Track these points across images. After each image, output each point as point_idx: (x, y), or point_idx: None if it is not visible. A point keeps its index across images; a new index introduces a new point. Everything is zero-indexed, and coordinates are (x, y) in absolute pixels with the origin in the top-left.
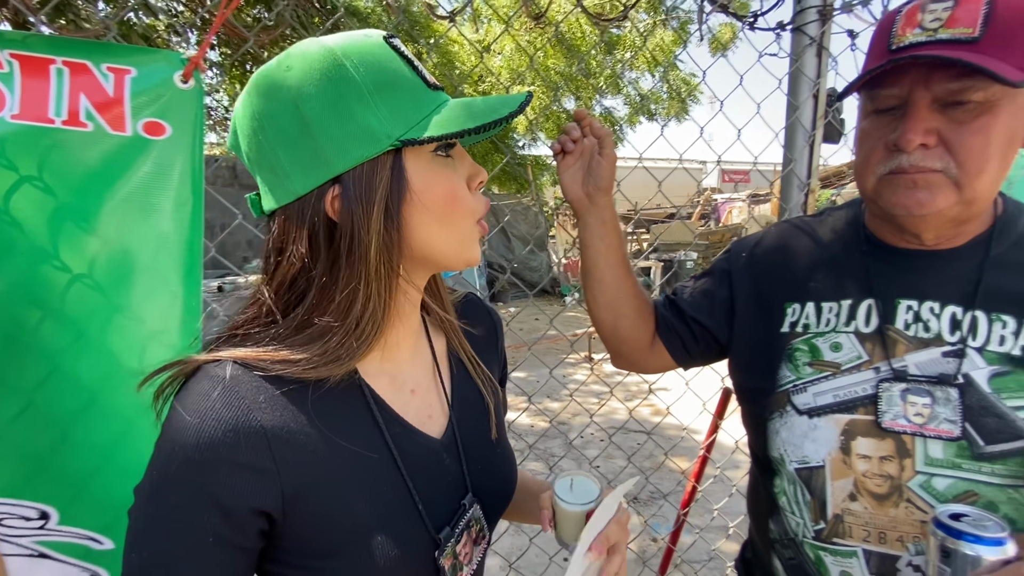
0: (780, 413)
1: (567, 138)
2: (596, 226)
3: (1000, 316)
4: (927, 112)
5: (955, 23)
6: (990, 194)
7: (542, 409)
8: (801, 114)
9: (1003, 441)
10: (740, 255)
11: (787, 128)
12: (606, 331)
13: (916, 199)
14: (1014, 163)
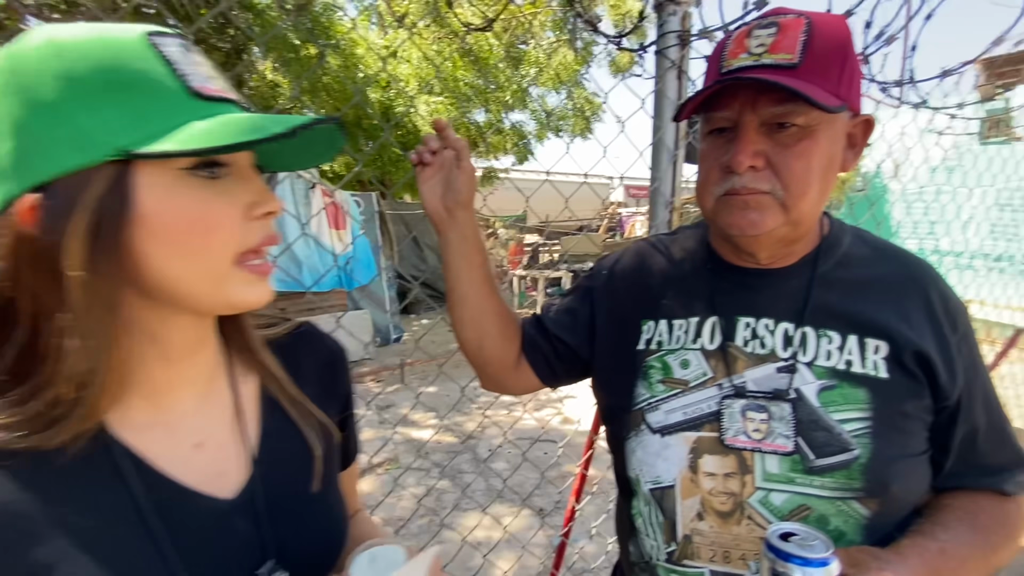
0: (636, 432)
1: (424, 149)
2: (457, 242)
3: (826, 332)
4: (755, 135)
5: (777, 49)
6: (814, 215)
7: (451, 425)
8: (664, 134)
9: (831, 455)
10: (602, 273)
11: (652, 147)
12: (471, 351)
13: (748, 220)
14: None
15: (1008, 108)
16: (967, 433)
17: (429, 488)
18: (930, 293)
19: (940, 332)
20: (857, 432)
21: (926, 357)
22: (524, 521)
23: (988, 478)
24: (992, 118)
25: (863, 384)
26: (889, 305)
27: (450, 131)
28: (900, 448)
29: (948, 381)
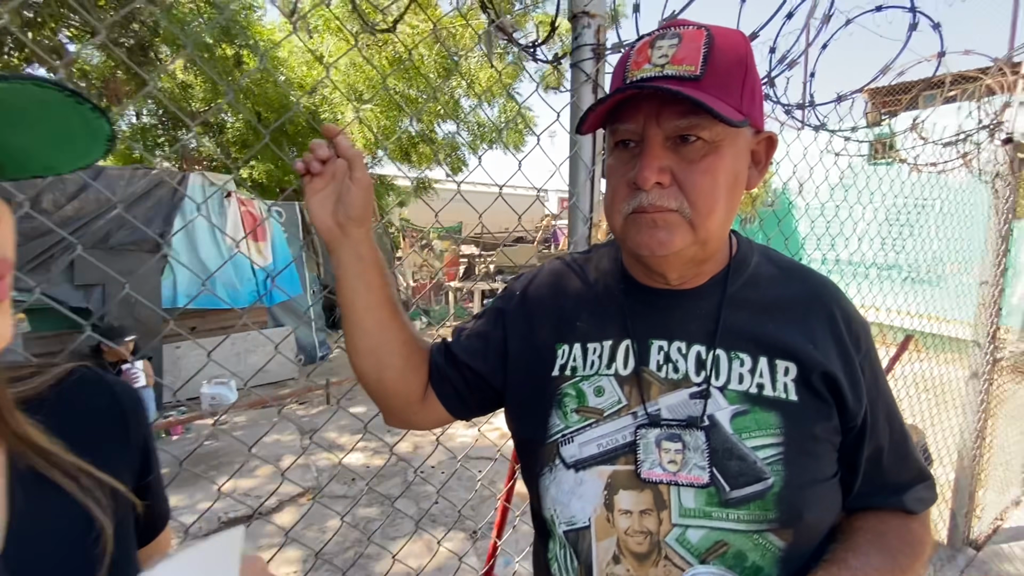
0: (550, 467)
1: (312, 157)
2: (351, 262)
3: (738, 354)
4: (660, 150)
5: (679, 60)
6: (722, 234)
7: (380, 448)
8: (581, 149)
9: (745, 485)
10: (514, 294)
11: (570, 162)
12: (370, 384)
13: (657, 239)
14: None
15: (892, 133)
16: (873, 452)
17: (349, 517)
18: (834, 311)
19: (845, 351)
20: (770, 459)
21: (833, 378)
22: (457, 545)
23: (894, 497)
24: (878, 141)
25: (774, 408)
26: (796, 325)
27: (342, 138)
28: (812, 474)
29: (855, 402)
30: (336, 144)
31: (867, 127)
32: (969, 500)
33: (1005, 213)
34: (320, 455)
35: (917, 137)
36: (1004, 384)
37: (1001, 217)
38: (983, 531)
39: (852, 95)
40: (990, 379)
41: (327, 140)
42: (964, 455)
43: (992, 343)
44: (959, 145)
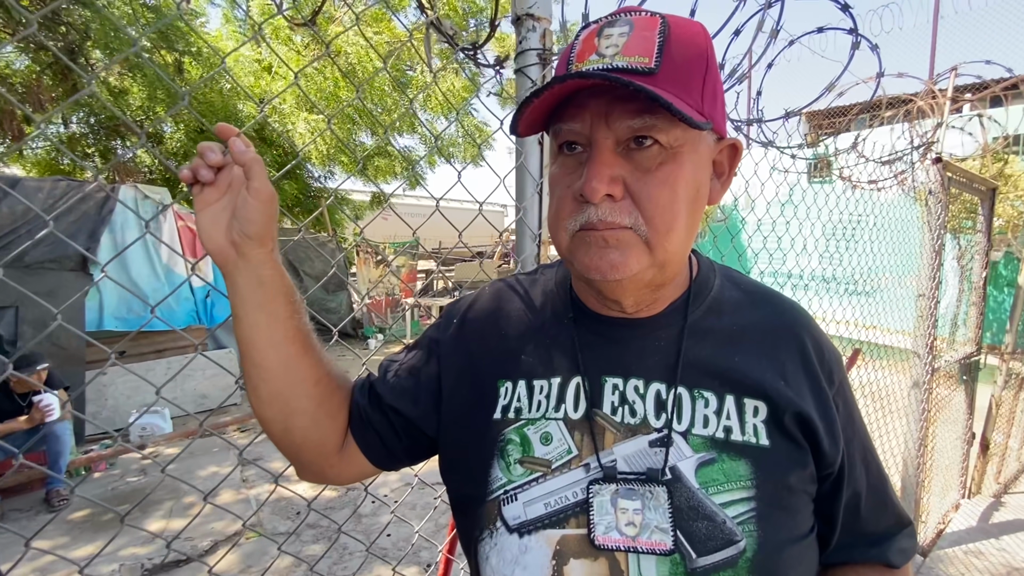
0: (490, 532)
1: (202, 163)
2: (250, 289)
3: (702, 392)
4: (611, 156)
5: (631, 51)
6: (682, 255)
7: None
8: (527, 160)
9: (715, 550)
10: (452, 322)
11: (516, 173)
12: (275, 434)
13: (609, 261)
14: (730, 216)
15: (834, 152)
16: (851, 499)
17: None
18: (805, 341)
19: (818, 386)
20: (741, 517)
21: (807, 418)
22: None
23: (874, 549)
24: (818, 160)
25: (744, 455)
26: (765, 358)
27: (239, 140)
28: (788, 531)
29: (831, 445)
30: (231, 148)
31: (808, 146)
32: (915, 507)
33: (938, 229)
34: (262, 487)
35: (857, 156)
36: (941, 391)
37: (935, 233)
38: (928, 536)
39: (799, 112)
40: (929, 388)
41: (221, 143)
42: (909, 463)
43: (931, 353)
44: (894, 164)
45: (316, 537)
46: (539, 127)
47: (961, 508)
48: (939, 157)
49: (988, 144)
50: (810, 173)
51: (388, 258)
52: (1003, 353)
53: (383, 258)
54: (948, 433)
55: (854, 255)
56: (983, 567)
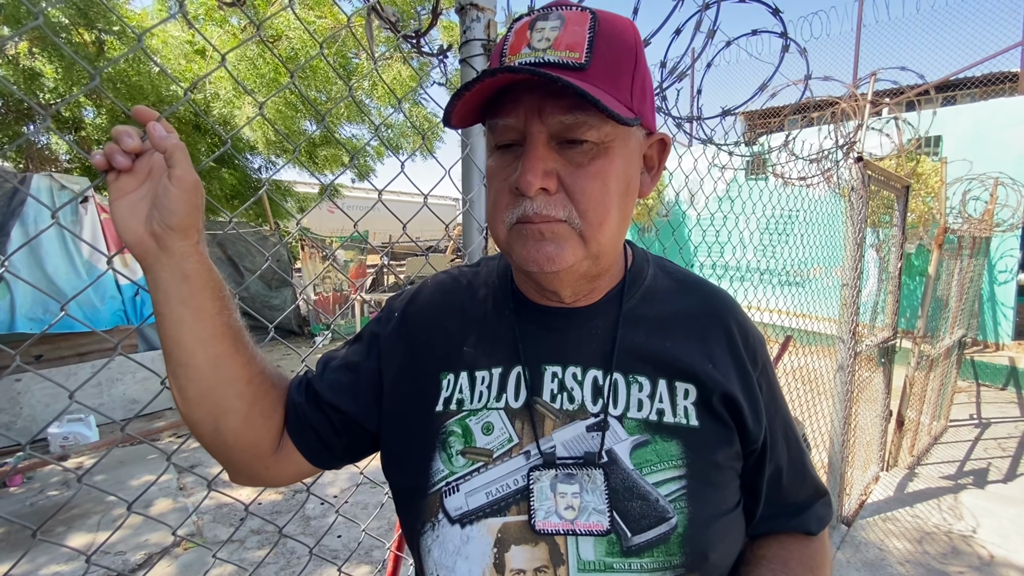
0: (432, 524)
1: (116, 149)
2: (172, 284)
3: (636, 377)
4: (544, 150)
5: (561, 45)
6: (616, 246)
7: None
8: (473, 152)
9: (648, 528)
10: (393, 314)
11: (462, 164)
12: (205, 436)
13: (546, 254)
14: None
15: (768, 150)
16: (773, 473)
17: (238, 562)
18: (731, 325)
19: (743, 368)
20: (673, 495)
21: (733, 399)
22: None
23: (794, 519)
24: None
25: (675, 435)
26: (694, 343)
27: (158, 125)
28: (716, 507)
29: (754, 423)
30: (149, 132)
31: (745, 144)
32: (840, 480)
33: (859, 223)
34: (203, 495)
35: (788, 154)
36: (862, 373)
37: (856, 227)
38: (852, 508)
39: (735, 111)
40: (852, 370)
41: (139, 127)
42: (835, 440)
43: (854, 338)
44: (821, 162)
45: (261, 543)
46: (473, 119)
47: (880, 480)
48: (860, 156)
49: (903, 145)
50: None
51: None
52: (915, 337)
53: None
54: (868, 412)
55: (787, 248)
56: (899, 532)
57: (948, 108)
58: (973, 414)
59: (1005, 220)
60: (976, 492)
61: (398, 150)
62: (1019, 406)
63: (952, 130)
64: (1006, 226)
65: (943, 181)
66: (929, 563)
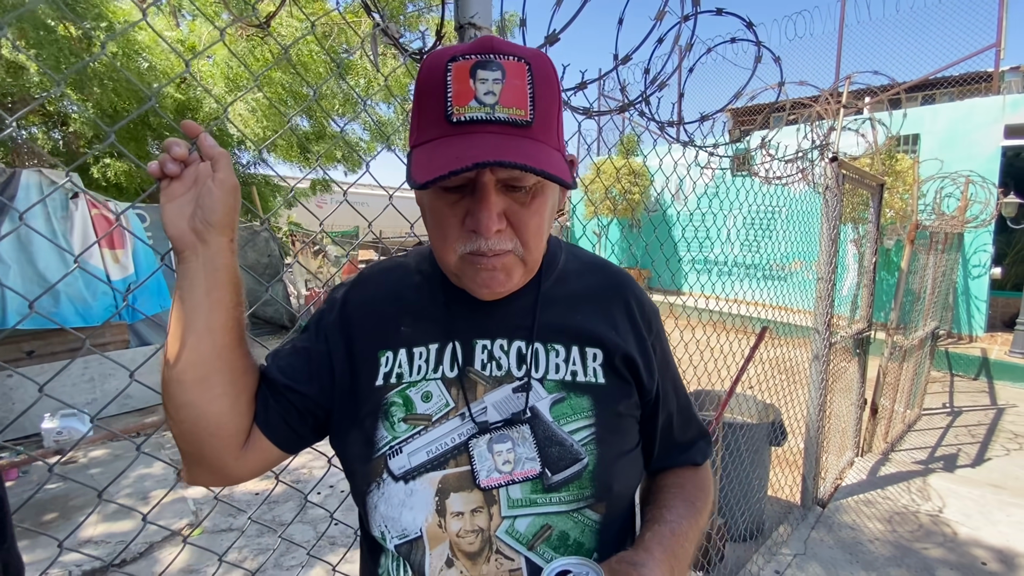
0: (377, 484)
1: (169, 158)
2: (203, 274)
3: (553, 346)
4: (496, 196)
5: (509, 102)
6: (542, 256)
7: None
8: None
9: (565, 468)
10: (335, 301)
11: None
12: (186, 422)
13: (497, 280)
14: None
15: (747, 149)
16: (665, 420)
17: (236, 552)
18: (629, 299)
19: (640, 334)
20: (584, 440)
21: (632, 359)
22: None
23: (684, 455)
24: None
25: (587, 392)
26: (600, 315)
27: (206, 136)
28: (619, 448)
29: (648, 378)
30: (201, 143)
31: (729, 143)
32: (816, 465)
33: (834, 220)
34: (198, 487)
35: (764, 154)
36: (838, 363)
37: (831, 224)
38: (827, 490)
39: (713, 115)
40: (828, 360)
41: (188, 139)
42: (811, 426)
43: (828, 329)
44: (798, 162)
45: (260, 531)
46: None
47: (855, 464)
48: (835, 156)
49: (879, 144)
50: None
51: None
52: (889, 329)
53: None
54: (844, 400)
55: (770, 244)
56: (872, 513)
57: (926, 107)
58: (946, 403)
59: (977, 216)
60: (945, 476)
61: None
62: (989, 395)
63: (930, 128)
64: (978, 222)
65: (915, 180)
66: (899, 541)
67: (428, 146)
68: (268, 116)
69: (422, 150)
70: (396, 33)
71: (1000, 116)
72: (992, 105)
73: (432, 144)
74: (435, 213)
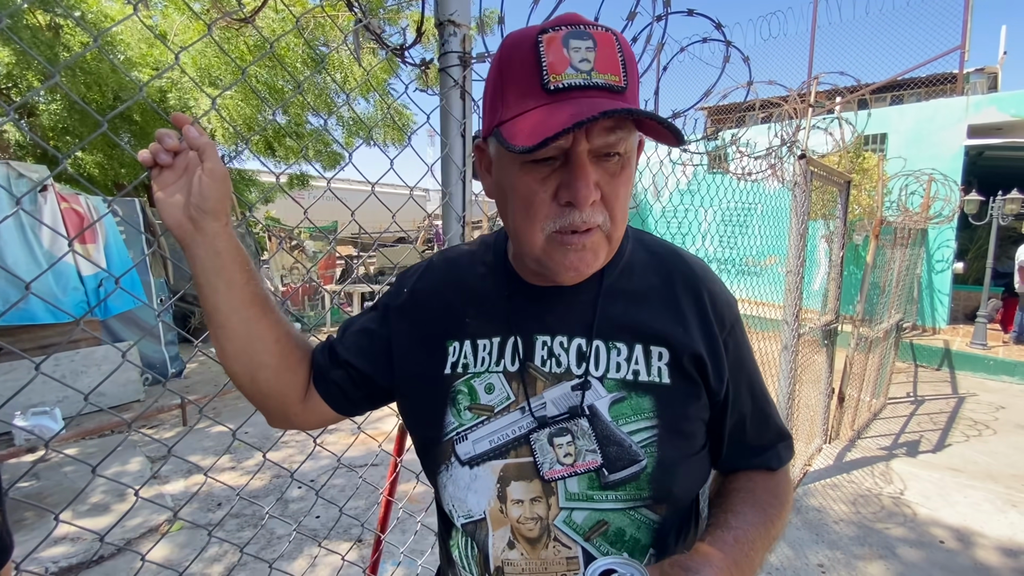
0: (446, 466)
1: (160, 148)
2: (208, 259)
3: (615, 344)
4: (590, 166)
5: (604, 69)
6: (623, 233)
7: (252, 467)
8: (452, 151)
9: (622, 468)
10: (402, 290)
11: (441, 163)
12: (244, 387)
13: (585, 261)
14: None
15: (721, 146)
16: (737, 422)
17: (217, 545)
18: (702, 292)
19: (710, 331)
20: (644, 442)
21: (700, 358)
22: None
23: (757, 458)
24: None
25: (649, 392)
26: (668, 311)
27: (193, 127)
28: (682, 451)
29: (716, 380)
30: (186, 134)
31: (704, 139)
32: None
33: (802, 215)
34: (178, 483)
35: (735, 151)
36: (806, 354)
37: (800, 219)
38: (796, 476)
39: (685, 112)
40: (796, 350)
41: (176, 129)
42: (780, 414)
43: (797, 320)
44: (769, 159)
45: (241, 525)
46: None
47: (823, 451)
48: (803, 154)
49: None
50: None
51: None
52: (855, 321)
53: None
54: (813, 390)
55: (744, 239)
56: (838, 496)
57: (893, 107)
58: (910, 392)
59: (939, 213)
60: (908, 460)
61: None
62: (951, 385)
63: (897, 128)
64: (941, 218)
65: (880, 177)
66: (862, 522)
67: (526, 116)
68: (239, 110)
69: (520, 120)
70: (377, 28)
71: (964, 116)
72: (956, 106)
73: (530, 113)
74: (523, 190)
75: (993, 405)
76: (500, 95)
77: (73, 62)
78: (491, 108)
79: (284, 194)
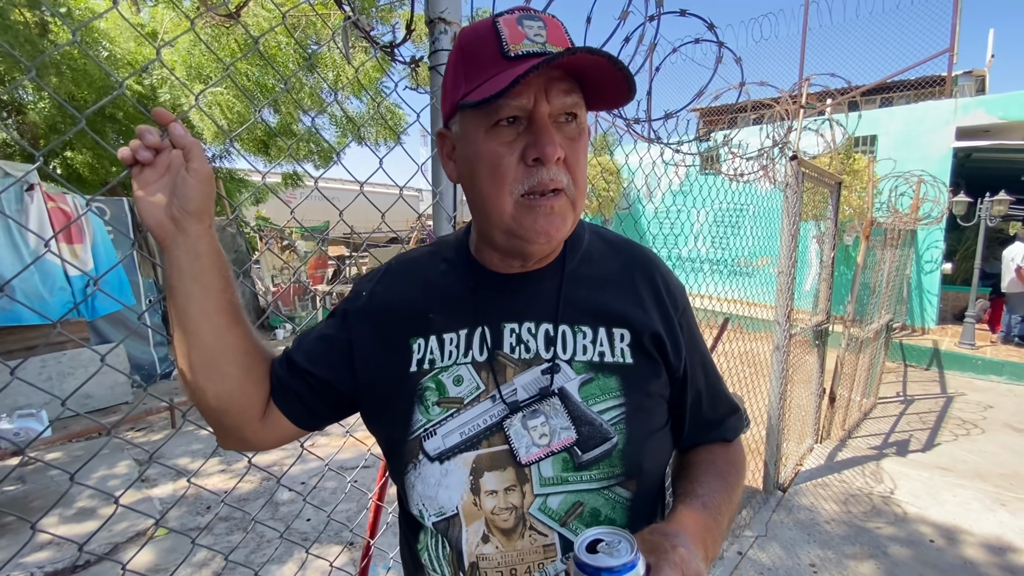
0: (414, 464)
1: (140, 145)
2: (186, 262)
3: (580, 327)
4: (552, 126)
5: (554, 41)
6: (583, 205)
7: (240, 469)
8: None
9: (594, 447)
10: (360, 294)
11: (432, 161)
12: (204, 399)
13: (554, 224)
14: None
15: (713, 147)
16: (694, 397)
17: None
18: (655, 277)
19: (666, 312)
20: (614, 419)
21: (659, 338)
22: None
23: (715, 431)
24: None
25: (615, 372)
26: (627, 295)
27: (177, 125)
28: (648, 427)
29: (675, 357)
30: (170, 132)
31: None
32: (777, 451)
33: (793, 216)
34: (166, 486)
35: (727, 152)
36: (798, 354)
37: (791, 220)
38: (788, 476)
39: (677, 113)
40: (787, 351)
41: (159, 127)
42: (772, 415)
43: (788, 321)
44: (761, 160)
45: (231, 528)
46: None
47: (814, 451)
48: (795, 155)
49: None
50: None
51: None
52: (846, 321)
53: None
54: (804, 390)
55: (737, 240)
56: (829, 495)
57: (883, 109)
58: (900, 392)
59: (928, 214)
60: (898, 460)
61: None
62: (940, 384)
63: (886, 130)
64: (930, 219)
65: (870, 178)
66: (853, 521)
67: (490, 81)
68: (230, 109)
69: (484, 85)
70: (367, 26)
71: (952, 119)
72: (945, 108)
73: (494, 78)
74: (489, 156)
75: (981, 404)
76: (463, 73)
77: (47, 57)
78: (453, 88)
79: (277, 193)
